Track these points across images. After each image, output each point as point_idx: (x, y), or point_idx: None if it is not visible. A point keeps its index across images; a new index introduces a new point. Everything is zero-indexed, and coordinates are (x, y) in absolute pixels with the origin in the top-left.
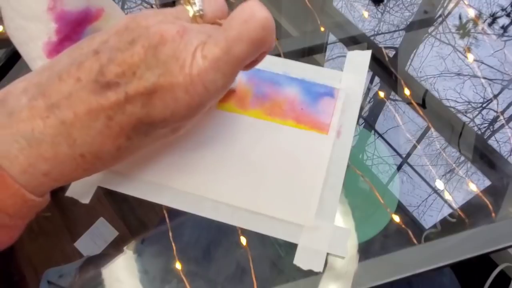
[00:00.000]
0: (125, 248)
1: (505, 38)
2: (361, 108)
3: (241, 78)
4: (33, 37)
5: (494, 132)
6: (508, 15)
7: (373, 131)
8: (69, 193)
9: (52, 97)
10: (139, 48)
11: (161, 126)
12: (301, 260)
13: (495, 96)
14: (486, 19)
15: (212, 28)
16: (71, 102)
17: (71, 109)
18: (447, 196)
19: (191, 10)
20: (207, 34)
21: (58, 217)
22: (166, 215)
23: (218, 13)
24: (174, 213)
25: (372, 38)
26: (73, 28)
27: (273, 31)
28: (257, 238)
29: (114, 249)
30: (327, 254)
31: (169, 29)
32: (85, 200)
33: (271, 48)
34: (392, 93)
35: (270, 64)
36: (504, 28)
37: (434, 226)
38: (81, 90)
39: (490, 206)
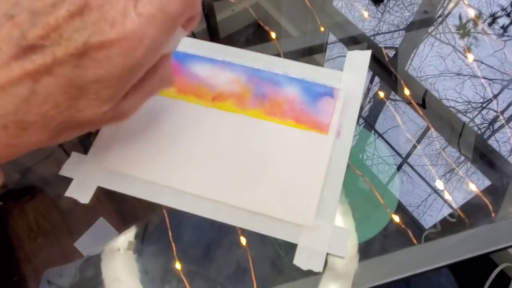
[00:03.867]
0: (125, 248)
1: (505, 38)
2: (361, 108)
3: (241, 78)
4: None
5: (494, 132)
6: (508, 15)
7: (373, 131)
8: (68, 193)
9: None
10: (64, 11)
11: (94, 92)
12: (300, 260)
13: (495, 96)
14: (486, 19)
15: None
16: None
17: None
18: (447, 196)
19: None
20: None
21: (58, 217)
22: (166, 215)
23: None
24: (174, 213)
25: (372, 38)
26: None
27: None
28: (257, 238)
29: (114, 249)
30: (327, 254)
31: None
32: (85, 200)
33: (199, 7)
34: (392, 93)
35: (270, 64)
36: (504, 28)
37: (434, 226)
38: (1, 58)
39: (490, 206)
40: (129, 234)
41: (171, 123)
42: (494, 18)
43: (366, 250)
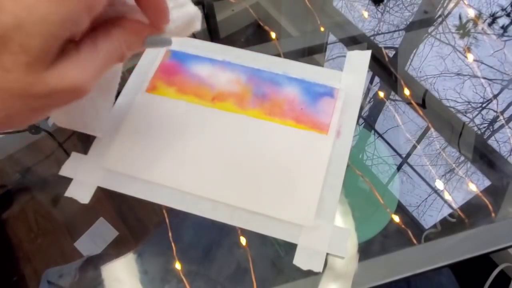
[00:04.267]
0: (125, 248)
1: (505, 38)
2: (361, 108)
3: (241, 78)
4: None
5: (494, 132)
6: (508, 15)
7: (373, 131)
8: (68, 193)
9: None
10: None
11: (18, 42)
12: (300, 260)
13: (495, 96)
14: (486, 19)
15: None
16: None
17: None
18: (447, 196)
19: None
20: None
21: (58, 217)
22: (166, 215)
23: None
24: (174, 213)
25: (372, 38)
26: None
27: None
28: (257, 238)
29: (114, 249)
30: (327, 254)
31: None
32: (85, 200)
33: None
34: (392, 93)
35: (270, 64)
36: (504, 28)
37: (434, 226)
38: None
39: (490, 206)
40: (129, 234)
41: (171, 123)
42: (494, 18)
43: (366, 250)
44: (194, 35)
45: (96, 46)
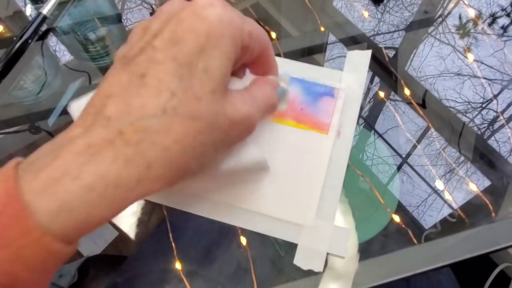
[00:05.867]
0: (125, 248)
1: (505, 38)
2: (361, 108)
3: None
4: None
5: (494, 132)
6: (508, 15)
7: (373, 131)
8: None
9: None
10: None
11: (202, 68)
12: (301, 260)
13: (495, 96)
14: (486, 19)
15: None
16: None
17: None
18: (447, 196)
19: None
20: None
21: None
22: (166, 215)
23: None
24: (174, 213)
25: (372, 38)
26: None
27: None
28: (257, 238)
29: (114, 249)
30: (327, 254)
31: None
32: None
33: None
34: (392, 93)
35: None
36: (504, 28)
37: (434, 226)
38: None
39: (490, 206)
40: (129, 234)
41: None
42: (494, 18)
43: (366, 250)
44: None
45: (251, 87)
